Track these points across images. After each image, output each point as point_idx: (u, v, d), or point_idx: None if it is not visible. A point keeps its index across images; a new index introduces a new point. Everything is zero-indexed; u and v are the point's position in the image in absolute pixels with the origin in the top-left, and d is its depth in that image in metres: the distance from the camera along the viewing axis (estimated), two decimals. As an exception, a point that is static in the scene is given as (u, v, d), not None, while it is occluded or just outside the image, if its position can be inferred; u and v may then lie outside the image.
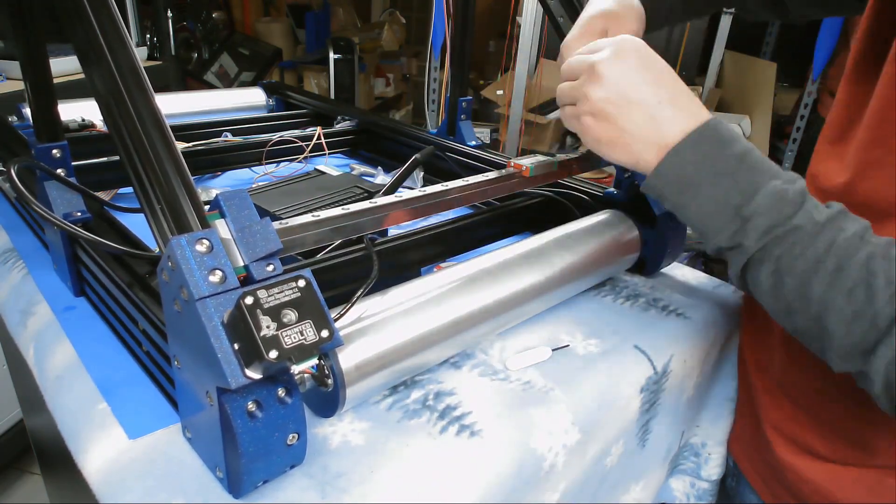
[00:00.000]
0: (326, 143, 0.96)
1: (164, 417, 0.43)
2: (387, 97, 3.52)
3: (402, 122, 1.07)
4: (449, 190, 0.52)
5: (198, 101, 1.17)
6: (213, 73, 2.97)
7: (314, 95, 1.19)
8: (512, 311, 0.52)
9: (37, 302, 0.57)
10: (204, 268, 0.33)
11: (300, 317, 0.33)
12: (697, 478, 0.66)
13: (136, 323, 0.46)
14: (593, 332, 0.57)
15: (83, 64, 0.41)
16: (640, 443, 0.56)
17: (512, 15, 2.23)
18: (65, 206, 0.54)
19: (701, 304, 0.64)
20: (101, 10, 0.40)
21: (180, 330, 0.35)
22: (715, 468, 0.66)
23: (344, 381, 0.41)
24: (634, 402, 0.53)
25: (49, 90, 0.53)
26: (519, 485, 0.42)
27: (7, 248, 0.68)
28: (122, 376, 0.48)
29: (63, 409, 0.45)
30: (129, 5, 1.98)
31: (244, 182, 0.92)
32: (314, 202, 0.68)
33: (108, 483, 0.38)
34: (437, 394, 0.47)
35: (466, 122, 0.94)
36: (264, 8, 3.29)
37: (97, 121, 0.90)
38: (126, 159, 0.39)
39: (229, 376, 0.32)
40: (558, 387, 0.49)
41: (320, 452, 0.41)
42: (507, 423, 0.45)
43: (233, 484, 0.36)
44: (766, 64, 2.41)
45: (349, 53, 2.89)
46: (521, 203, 0.70)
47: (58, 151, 0.54)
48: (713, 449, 0.66)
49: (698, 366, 0.60)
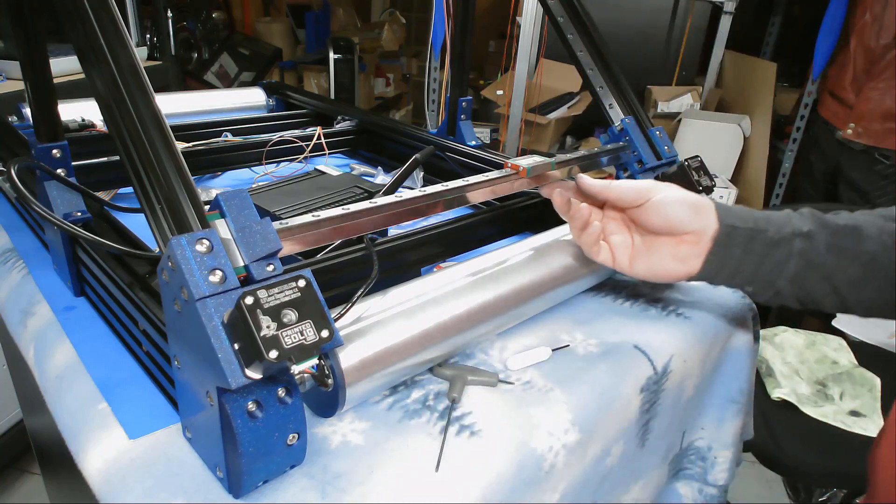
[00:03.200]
0: (326, 143, 0.96)
1: (164, 417, 0.43)
2: (387, 97, 3.51)
3: (402, 122, 1.07)
4: (448, 190, 0.52)
5: (198, 101, 1.17)
6: (213, 73, 2.96)
7: (314, 95, 1.19)
8: (512, 311, 0.52)
9: (37, 302, 0.57)
10: (204, 268, 0.33)
11: (300, 317, 0.33)
12: (705, 483, 0.66)
13: (136, 323, 0.46)
14: (593, 332, 0.57)
15: (83, 64, 0.41)
16: (640, 443, 0.56)
17: (512, 15, 2.23)
18: (65, 206, 0.54)
19: (701, 304, 0.64)
20: (101, 10, 0.40)
21: (180, 330, 0.35)
22: (722, 472, 0.66)
23: (344, 381, 0.41)
24: (634, 402, 0.53)
25: (49, 90, 0.53)
26: (519, 485, 0.42)
27: (7, 248, 0.68)
28: (122, 376, 0.48)
29: (63, 409, 0.45)
30: (129, 5, 1.98)
31: (244, 182, 0.92)
32: (314, 202, 0.68)
33: (108, 483, 0.38)
34: (437, 394, 0.47)
35: (466, 122, 0.94)
36: (264, 8, 3.29)
37: (97, 121, 0.89)
38: (126, 159, 0.39)
39: (229, 376, 0.32)
40: (558, 387, 0.49)
41: (320, 452, 0.41)
42: (507, 423, 0.45)
43: (233, 484, 0.36)
44: (766, 64, 2.41)
45: (349, 53, 2.89)
46: (521, 203, 0.70)
47: (58, 151, 0.54)
48: (719, 452, 0.66)
49: (698, 366, 0.60)
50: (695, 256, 0.52)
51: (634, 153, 0.67)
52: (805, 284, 0.51)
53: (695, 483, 0.66)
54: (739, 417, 0.67)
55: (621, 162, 0.69)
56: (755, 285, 0.53)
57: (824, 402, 1.14)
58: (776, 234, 0.51)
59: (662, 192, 0.52)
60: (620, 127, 0.68)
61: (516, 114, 2.23)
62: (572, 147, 2.60)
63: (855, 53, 1.96)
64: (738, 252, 0.51)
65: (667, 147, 0.69)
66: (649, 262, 0.53)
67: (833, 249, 0.51)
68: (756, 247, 0.51)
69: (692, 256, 0.52)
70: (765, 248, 0.51)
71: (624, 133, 0.68)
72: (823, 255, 0.50)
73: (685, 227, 0.51)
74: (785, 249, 0.51)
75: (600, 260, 0.55)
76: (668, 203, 0.51)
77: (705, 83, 2.49)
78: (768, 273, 0.52)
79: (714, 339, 0.62)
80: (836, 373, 1.20)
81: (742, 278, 0.53)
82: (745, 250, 0.51)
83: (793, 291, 0.52)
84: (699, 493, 0.66)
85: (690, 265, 0.52)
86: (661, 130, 0.70)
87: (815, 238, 0.51)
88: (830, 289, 0.51)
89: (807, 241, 0.51)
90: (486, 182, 0.54)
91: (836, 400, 1.15)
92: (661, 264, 0.53)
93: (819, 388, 1.18)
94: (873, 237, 0.50)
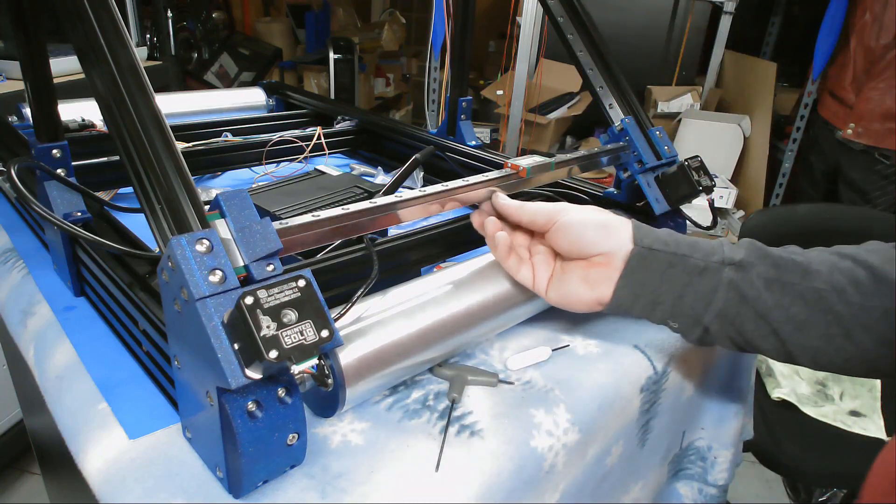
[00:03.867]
0: (326, 143, 0.96)
1: (164, 417, 0.43)
2: (387, 97, 3.52)
3: (402, 122, 1.07)
4: (449, 190, 0.52)
5: (198, 101, 1.17)
6: (213, 73, 2.96)
7: (314, 95, 1.19)
8: (512, 311, 0.52)
9: (37, 302, 0.57)
10: (204, 268, 0.33)
11: (300, 317, 0.33)
12: (705, 483, 0.66)
13: (136, 323, 0.46)
14: (593, 332, 0.57)
15: (83, 64, 0.41)
16: (640, 443, 0.56)
17: (512, 15, 2.23)
18: (65, 206, 0.54)
19: (701, 304, 0.63)
20: (101, 10, 0.40)
21: (180, 330, 0.35)
22: (722, 472, 0.66)
23: (344, 381, 0.41)
24: (634, 402, 0.53)
25: (49, 90, 0.53)
26: (519, 485, 0.42)
27: (7, 248, 0.68)
28: (122, 376, 0.48)
29: (63, 409, 0.45)
30: (129, 5, 1.98)
31: (244, 182, 0.92)
32: (314, 202, 0.68)
33: (108, 483, 0.38)
34: (437, 394, 0.47)
35: (466, 122, 0.94)
36: (264, 8, 3.29)
37: (97, 121, 0.89)
38: (126, 159, 0.39)
39: (229, 376, 0.32)
40: (558, 387, 0.49)
41: (320, 452, 0.41)
42: (507, 423, 0.45)
43: (233, 484, 0.36)
44: (766, 64, 2.41)
45: (349, 53, 2.89)
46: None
47: (58, 151, 0.54)
48: (719, 452, 0.66)
49: (698, 366, 0.60)
50: (605, 280, 0.47)
51: (634, 153, 0.67)
52: (736, 322, 0.45)
53: (695, 483, 0.66)
54: (739, 417, 0.67)
55: (621, 162, 0.69)
56: (679, 320, 0.47)
57: (824, 402, 1.14)
58: (701, 261, 0.45)
59: (570, 214, 0.48)
60: (620, 127, 0.68)
61: (516, 114, 2.23)
62: (572, 147, 2.60)
63: (855, 53, 1.96)
64: (655, 279, 0.46)
65: (667, 147, 0.69)
66: (561, 287, 0.49)
67: (772, 284, 0.44)
68: (676, 274, 0.46)
69: (602, 280, 0.47)
70: (686, 276, 0.45)
71: (624, 133, 0.68)
72: (759, 290, 0.44)
73: (594, 249, 0.47)
74: (712, 279, 0.45)
75: (520, 278, 0.51)
76: (574, 224, 0.48)
77: (705, 83, 2.49)
78: (691, 306, 0.46)
79: (714, 339, 0.62)
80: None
81: (663, 311, 0.47)
82: (662, 277, 0.46)
83: (723, 330, 0.46)
84: (699, 493, 0.66)
85: (601, 291, 0.47)
86: (661, 130, 0.70)
87: (750, 269, 0.45)
88: (768, 330, 0.44)
89: (739, 271, 0.45)
90: (486, 182, 0.54)
91: (836, 400, 1.15)
92: (571, 289, 0.48)
93: (819, 388, 1.18)
94: (822, 274, 0.44)
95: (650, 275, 0.46)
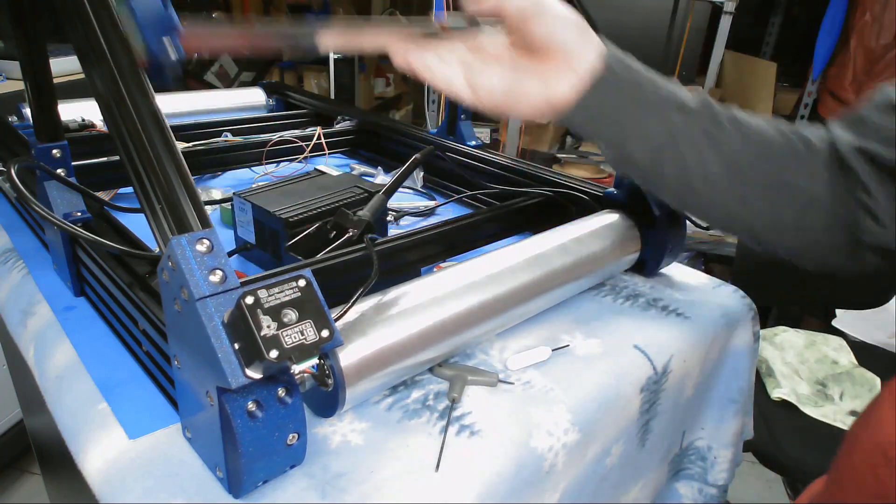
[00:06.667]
0: (326, 143, 0.96)
1: (164, 417, 0.43)
2: (387, 97, 3.51)
3: (402, 122, 1.07)
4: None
5: (198, 101, 1.18)
6: (213, 73, 2.96)
7: (314, 95, 1.19)
8: (512, 311, 0.52)
9: (37, 302, 0.57)
10: (204, 267, 0.33)
11: (300, 316, 0.33)
12: (705, 483, 0.66)
13: (136, 323, 0.46)
14: (593, 332, 0.57)
15: (83, 64, 0.41)
16: (640, 443, 0.56)
17: (512, 15, 2.23)
18: (65, 206, 0.54)
19: (701, 304, 0.64)
20: (101, 10, 0.40)
21: (180, 330, 0.35)
22: (722, 472, 0.66)
23: (344, 381, 0.41)
24: (634, 402, 0.53)
25: (49, 90, 0.53)
26: (519, 484, 0.42)
27: (7, 248, 0.68)
28: (122, 376, 0.48)
29: (63, 409, 0.45)
30: (129, 5, 1.98)
31: (244, 182, 0.92)
32: (314, 202, 0.68)
33: (108, 483, 0.38)
34: (437, 394, 0.47)
35: (466, 122, 0.94)
36: (264, 8, 3.29)
37: (97, 121, 0.90)
38: (126, 159, 0.39)
39: (229, 376, 0.32)
40: (558, 387, 0.49)
41: (320, 452, 0.41)
42: (507, 423, 0.45)
43: (233, 484, 0.36)
44: (766, 64, 2.41)
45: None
46: (521, 203, 0.70)
47: (58, 151, 0.54)
48: (719, 452, 0.66)
49: (698, 366, 0.60)
50: (562, 81, 0.44)
51: (634, 153, 0.67)
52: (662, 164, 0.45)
53: (695, 483, 0.66)
54: (739, 417, 0.67)
55: (621, 162, 0.68)
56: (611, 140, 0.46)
57: (824, 402, 1.14)
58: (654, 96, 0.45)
59: (554, 7, 0.45)
60: (620, 127, 0.68)
61: (516, 114, 2.22)
62: (572, 147, 2.60)
63: (855, 53, 1.96)
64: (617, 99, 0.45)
65: (667, 147, 0.69)
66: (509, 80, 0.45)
67: (706, 136, 0.44)
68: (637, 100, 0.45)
69: (559, 80, 0.44)
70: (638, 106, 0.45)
71: (624, 133, 0.68)
72: (696, 138, 0.44)
73: (566, 45, 0.44)
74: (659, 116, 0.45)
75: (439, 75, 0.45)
76: (559, 17, 0.45)
77: (705, 83, 2.49)
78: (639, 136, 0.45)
79: (714, 339, 0.62)
80: (836, 373, 1.20)
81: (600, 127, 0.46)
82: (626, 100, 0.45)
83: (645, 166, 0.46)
84: (699, 493, 0.66)
85: (555, 89, 0.44)
86: (661, 130, 0.69)
87: (696, 117, 0.45)
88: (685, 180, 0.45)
89: (685, 117, 0.45)
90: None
91: (835, 400, 1.15)
92: (522, 83, 0.45)
93: (819, 388, 1.18)
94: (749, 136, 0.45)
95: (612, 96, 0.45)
